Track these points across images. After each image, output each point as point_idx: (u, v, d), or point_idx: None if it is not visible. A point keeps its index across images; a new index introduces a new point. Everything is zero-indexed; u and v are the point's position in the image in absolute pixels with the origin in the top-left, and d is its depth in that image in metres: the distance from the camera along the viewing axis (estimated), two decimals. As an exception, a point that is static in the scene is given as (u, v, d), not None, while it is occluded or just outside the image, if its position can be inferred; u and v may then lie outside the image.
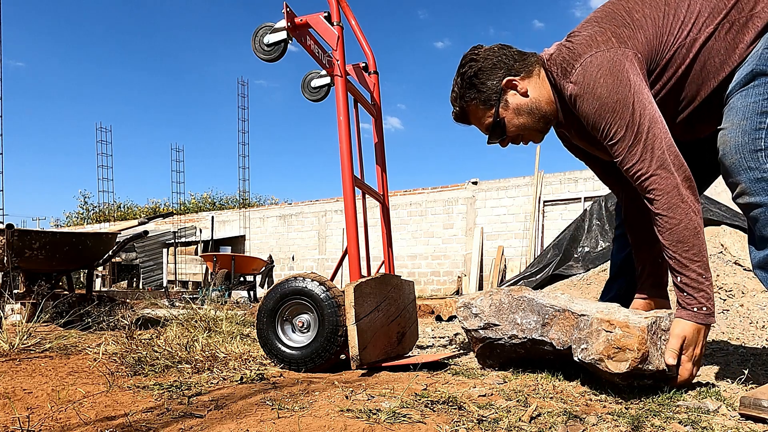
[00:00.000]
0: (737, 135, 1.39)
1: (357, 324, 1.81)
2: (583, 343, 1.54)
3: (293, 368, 1.93)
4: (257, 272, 9.83)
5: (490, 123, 1.77)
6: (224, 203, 29.61)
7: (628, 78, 1.50)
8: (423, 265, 13.40)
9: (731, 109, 1.44)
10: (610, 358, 1.46)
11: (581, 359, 1.53)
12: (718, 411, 1.39)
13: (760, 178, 1.35)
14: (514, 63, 1.72)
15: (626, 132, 1.50)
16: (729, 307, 2.83)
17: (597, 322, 1.52)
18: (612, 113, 1.51)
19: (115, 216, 23.79)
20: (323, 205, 15.26)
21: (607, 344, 1.47)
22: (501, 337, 1.79)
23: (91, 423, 1.23)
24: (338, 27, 2.06)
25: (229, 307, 4.18)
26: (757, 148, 1.36)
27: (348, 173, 1.99)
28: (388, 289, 2.09)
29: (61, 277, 3.69)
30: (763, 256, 1.41)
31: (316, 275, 1.99)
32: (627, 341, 1.44)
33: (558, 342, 1.64)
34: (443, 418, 1.24)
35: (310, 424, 1.18)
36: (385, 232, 2.45)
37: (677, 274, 1.50)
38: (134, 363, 1.91)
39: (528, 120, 1.75)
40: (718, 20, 1.49)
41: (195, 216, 18.22)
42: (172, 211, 19.96)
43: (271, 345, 1.98)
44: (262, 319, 2.01)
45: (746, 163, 1.37)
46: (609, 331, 1.48)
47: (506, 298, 1.81)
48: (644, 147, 1.49)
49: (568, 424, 1.23)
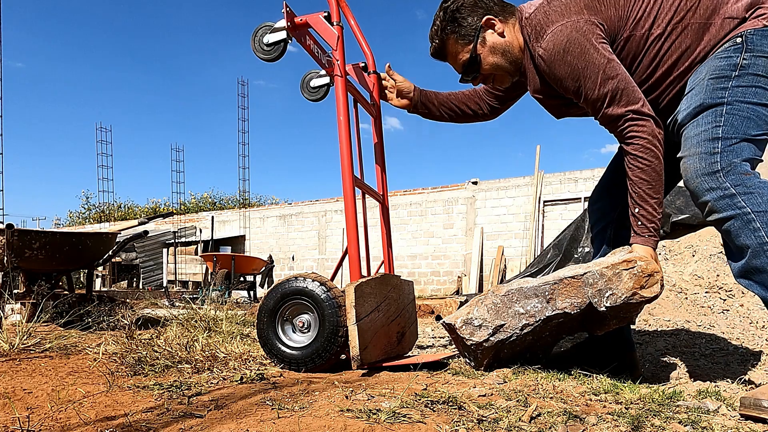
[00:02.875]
0: (695, 161, 1.58)
1: (358, 324, 1.81)
2: (606, 292, 1.69)
3: (293, 368, 1.92)
4: (257, 272, 9.83)
5: (467, 59, 1.90)
6: (224, 203, 29.62)
7: (595, 43, 1.69)
8: (423, 265, 13.40)
9: (686, 138, 1.63)
10: (643, 288, 1.65)
11: (610, 305, 1.68)
12: (718, 411, 1.39)
13: (723, 195, 1.52)
14: (494, 6, 1.88)
15: (599, 90, 1.69)
16: (729, 307, 2.83)
17: (610, 268, 1.69)
18: (583, 77, 1.70)
19: (116, 216, 23.78)
20: (323, 205, 15.26)
21: (636, 278, 1.65)
22: (512, 333, 1.80)
23: (91, 423, 1.23)
24: (338, 27, 2.06)
25: (229, 307, 4.17)
26: (715, 170, 1.54)
27: (348, 173, 1.98)
28: (388, 289, 2.09)
29: (61, 277, 3.69)
30: (742, 265, 1.53)
31: (316, 275, 1.99)
32: (652, 267, 1.66)
33: (572, 306, 1.74)
34: (443, 418, 1.24)
35: (310, 424, 1.18)
36: (384, 232, 2.44)
37: (637, 206, 1.71)
38: (134, 363, 1.91)
39: (501, 60, 1.90)
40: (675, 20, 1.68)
41: (195, 216, 18.22)
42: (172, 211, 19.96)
43: (271, 345, 1.98)
44: (262, 319, 2.00)
45: (708, 185, 1.55)
46: (630, 268, 1.66)
47: (496, 299, 1.83)
48: (619, 100, 1.68)
49: (568, 424, 1.23)
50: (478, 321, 1.83)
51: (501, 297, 1.83)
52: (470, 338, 1.83)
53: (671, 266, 3.26)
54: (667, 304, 2.97)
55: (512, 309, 1.80)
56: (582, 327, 1.90)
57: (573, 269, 1.77)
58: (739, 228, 1.50)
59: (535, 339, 1.86)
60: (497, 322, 1.81)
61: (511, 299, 1.81)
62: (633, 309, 1.71)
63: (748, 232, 1.49)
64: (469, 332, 1.83)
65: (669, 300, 3.00)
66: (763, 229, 1.47)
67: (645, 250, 1.70)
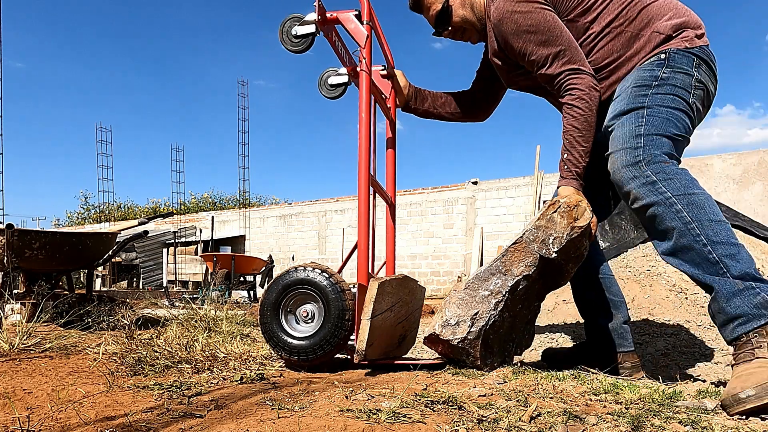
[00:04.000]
0: (621, 155, 1.73)
1: (372, 320, 1.82)
2: (548, 239, 1.82)
3: (302, 358, 1.91)
4: (257, 272, 9.83)
5: (439, 10, 2.08)
6: (225, 203, 29.62)
7: (542, 5, 1.85)
8: (423, 265, 13.40)
9: (613, 138, 1.79)
10: (576, 220, 1.80)
11: (557, 249, 1.80)
12: (718, 411, 1.39)
13: (645, 182, 1.66)
14: None
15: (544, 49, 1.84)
16: (729, 307, 2.83)
17: (542, 218, 1.83)
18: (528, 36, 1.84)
19: (116, 216, 23.77)
20: (323, 205, 15.26)
21: (566, 214, 1.80)
22: (489, 316, 1.85)
23: (91, 423, 1.23)
24: (367, 26, 2.09)
25: (229, 307, 4.17)
26: (637, 161, 1.69)
27: (365, 168, 2.00)
28: (404, 292, 2.09)
29: (61, 277, 3.69)
30: (670, 246, 1.66)
31: (315, 264, 1.98)
32: (574, 198, 1.81)
33: (527, 267, 1.84)
34: (443, 418, 1.24)
35: (310, 424, 1.18)
36: (391, 231, 2.46)
37: (566, 152, 1.84)
38: (134, 363, 1.91)
39: (470, 14, 2.07)
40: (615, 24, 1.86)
41: (195, 216, 18.22)
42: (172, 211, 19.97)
43: (277, 339, 1.95)
44: (265, 313, 1.98)
45: (631, 174, 1.69)
46: (557, 208, 1.81)
47: (461, 294, 1.89)
48: (561, 58, 1.83)
49: (568, 424, 1.23)
50: (454, 319, 1.86)
51: (464, 291, 1.89)
52: (454, 337, 1.86)
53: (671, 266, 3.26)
54: (667, 304, 2.97)
55: (479, 295, 1.87)
56: (546, 286, 1.98)
57: (512, 239, 1.89)
58: (663, 212, 1.62)
59: (512, 316, 1.92)
60: (471, 312, 1.86)
61: (473, 288, 1.88)
62: (578, 244, 1.84)
63: (671, 214, 1.61)
64: (451, 333, 1.86)
65: (669, 300, 3.00)
66: (685, 209, 1.60)
67: (566, 189, 1.84)
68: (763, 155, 9.70)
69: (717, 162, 10.10)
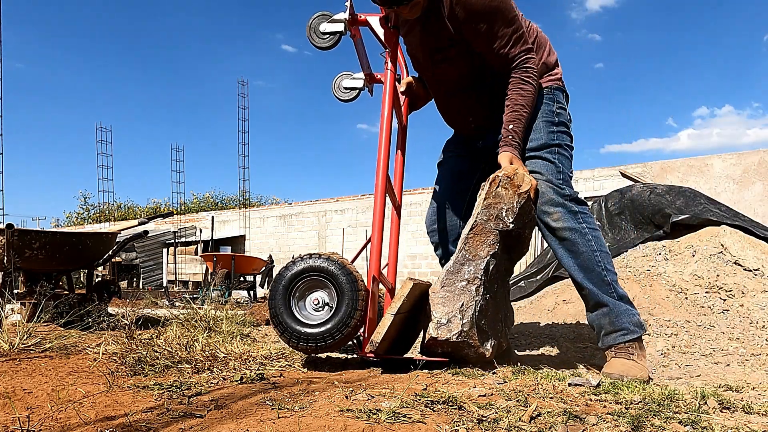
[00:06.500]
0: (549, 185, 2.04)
1: (394, 316, 1.85)
2: (502, 212, 1.95)
3: (321, 346, 1.89)
4: (257, 272, 9.82)
5: None
6: (225, 203, 29.61)
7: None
8: (423, 265, 13.40)
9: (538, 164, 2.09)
10: (519, 187, 1.95)
11: (513, 219, 1.95)
12: (718, 411, 1.39)
13: (569, 211, 2.02)
14: None
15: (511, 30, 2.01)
16: (729, 307, 2.83)
17: (488, 196, 1.95)
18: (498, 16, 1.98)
19: (116, 216, 23.77)
20: (323, 205, 15.26)
21: (509, 184, 1.94)
22: (474, 302, 1.91)
23: (91, 423, 1.23)
24: (395, 30, 2.17)
25: (229, 307, 4.17)
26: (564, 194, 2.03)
27: (383, 166, 2.04)
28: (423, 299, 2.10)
29: (61, 277, 3.69)
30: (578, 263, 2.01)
31: (321, 252, 1.97)
32: (509, 169, 1.96)
33: (491, 246, 1.96)
34: (443, 418, 1.24)
35: (310, 424, 1.18)
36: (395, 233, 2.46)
37: (512, 123, 2.05)
38: (134, 363, 1.91)
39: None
40: None
41: (195, 216, 18.22)
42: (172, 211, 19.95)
43: (291, 329, 1.92)
44: (276, 304, 1.95)
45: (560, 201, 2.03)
46: (499, 182, 1.94)
47: (440, 293, 1.93)
48: (522, 40, 2.05)
49: (568, 424, 1.23)
50: (445, 318, 1.89)
51: (442, 289, 1.94)
52: (451, 334, 1.87)
53: (671, 266, 3.26)
54: (667, 304, 2.97)
55: (457, 288, 1.92)
56: (512, 259, 2.16)
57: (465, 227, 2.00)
58: (578, 238, 2.00)
59: (493, 297, 2.02)
60: (457, 305, 1.89)
61: (450, 283, 1.94)
62: (528, 208, 2.01)
63: (585, 241, 2.00)
64: (446, 331, 1.88)
65: (669, 300, 3.00)
66: (593, 240, 2.01)
67: (504, 156, 2.03)
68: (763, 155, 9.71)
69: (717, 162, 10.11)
